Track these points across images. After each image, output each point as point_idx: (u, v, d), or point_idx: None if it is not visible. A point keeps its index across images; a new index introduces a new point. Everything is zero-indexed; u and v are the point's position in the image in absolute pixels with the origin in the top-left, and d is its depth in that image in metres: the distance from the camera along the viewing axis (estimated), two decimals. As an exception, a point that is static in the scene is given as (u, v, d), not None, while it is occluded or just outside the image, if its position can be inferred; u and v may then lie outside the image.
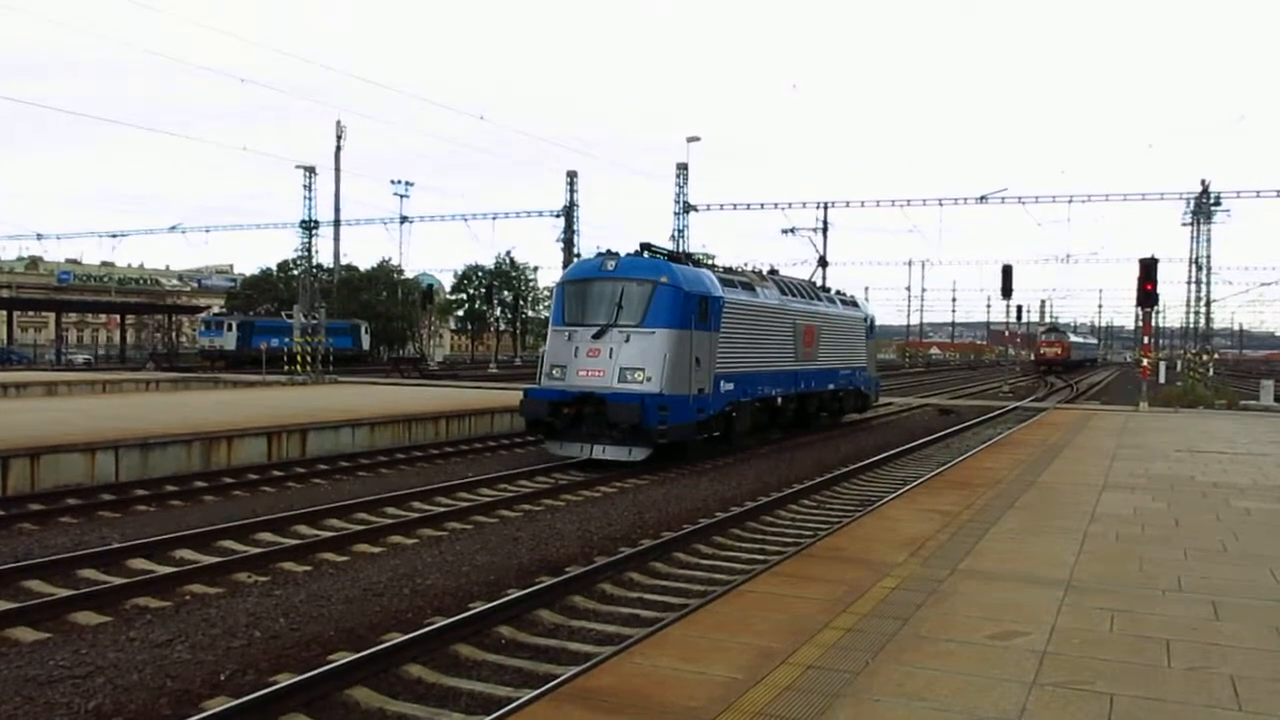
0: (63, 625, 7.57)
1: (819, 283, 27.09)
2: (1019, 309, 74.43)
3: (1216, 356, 55.62)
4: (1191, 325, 42.10)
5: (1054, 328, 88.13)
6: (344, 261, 65.13)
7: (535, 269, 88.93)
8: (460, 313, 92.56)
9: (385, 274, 75.22)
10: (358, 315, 65.76)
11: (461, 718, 6.04)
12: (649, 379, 15.85)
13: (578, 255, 41.70)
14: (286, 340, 44.66)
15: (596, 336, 16.38)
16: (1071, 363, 76.79)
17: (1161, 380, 42.60)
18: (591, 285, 16.92)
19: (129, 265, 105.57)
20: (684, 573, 9.75)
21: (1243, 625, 5.94)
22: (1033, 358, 79.72)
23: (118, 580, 8.85)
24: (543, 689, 5.32)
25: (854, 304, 26.78)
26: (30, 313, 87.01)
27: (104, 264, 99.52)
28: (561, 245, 47.16)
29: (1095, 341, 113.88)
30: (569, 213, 47.12)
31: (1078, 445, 17.00)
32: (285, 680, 6.24)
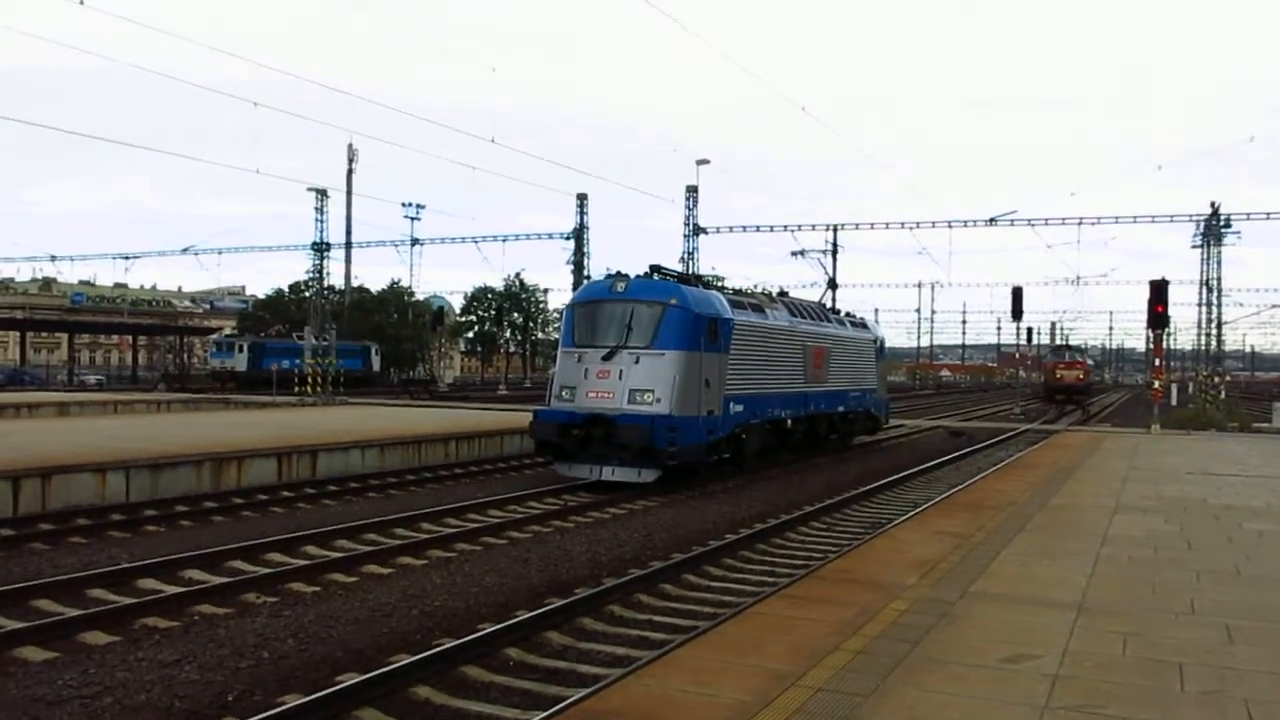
0: (71, 645, 7.57)
1: (829, 305, 27.10)
2: (1029, 331, 71.73)
3: (1228, 379, 54.59)
4: (1203, 348, 41.89)
5: (1068, 347, 70.42)
6: (355, 283, 65.36)
7: (545, 291, 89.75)
8: (470, 334, 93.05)
9: (396, 296, 75.49)
10: (368, 337, 65.94)
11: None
12: (658, 400, 15.83)
13: (588, 277, 41.74)
14: (297, 361, 44.74)
15: (606, 358, 16.39)
16: (1093, 388, 64.42)
17: (1173, 403, 42.38)
18: (601, 307, 16.97)
19: (142, 287, 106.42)
20: (693, 595, 9.71)
21: (1257, 649, 5.89)
22: (1044, 382, 61.68)
23: (127, 600, 8.85)
24: (551, 710, 5.31)
25: (863, 326, 26.78)
26: (43, 334, 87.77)
27: (117, 285, 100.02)
28: (571, 267, 47.30)
29: (1092, 363, 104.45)
30: (579, 235, 47.28)
31: (1090, 467, 16.91)
32: (293, 701, 6.23)
